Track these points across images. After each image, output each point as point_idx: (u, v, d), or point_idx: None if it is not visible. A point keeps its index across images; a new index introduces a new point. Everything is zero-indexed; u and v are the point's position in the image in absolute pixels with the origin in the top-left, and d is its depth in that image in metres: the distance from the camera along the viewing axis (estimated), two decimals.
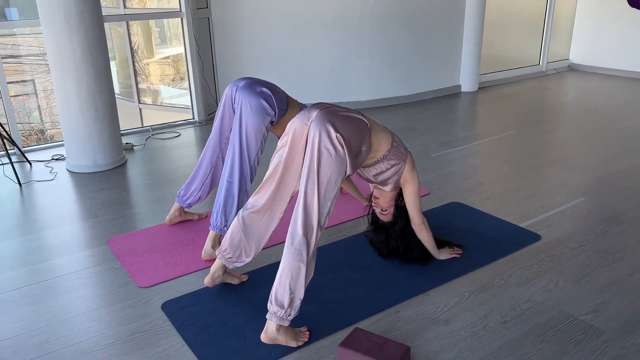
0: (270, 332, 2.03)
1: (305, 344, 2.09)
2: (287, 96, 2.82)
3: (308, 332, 2.13)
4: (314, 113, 2.10)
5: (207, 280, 2.39)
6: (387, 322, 2.23)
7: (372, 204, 2.61)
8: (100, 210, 3.37)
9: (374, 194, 2.58)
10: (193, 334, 2.17)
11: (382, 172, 2.37)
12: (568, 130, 4.86)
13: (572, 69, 7.64)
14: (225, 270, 2.42)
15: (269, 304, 2.04)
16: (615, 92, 6.28)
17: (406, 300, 2.37)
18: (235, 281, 2.49)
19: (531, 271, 2.58)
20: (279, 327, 2.03)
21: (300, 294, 2.02)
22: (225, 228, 2.67)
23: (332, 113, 2.10)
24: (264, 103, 2.65)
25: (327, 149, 2.02)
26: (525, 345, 2.07)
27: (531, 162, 4.06)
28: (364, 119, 2.21)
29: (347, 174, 2.12)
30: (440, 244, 2.68)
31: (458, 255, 2.69)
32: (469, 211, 3.21)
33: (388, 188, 2.46)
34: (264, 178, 2.22)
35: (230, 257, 2.32)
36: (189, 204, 3.03)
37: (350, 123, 2.11)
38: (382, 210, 2.57)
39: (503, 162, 4.08)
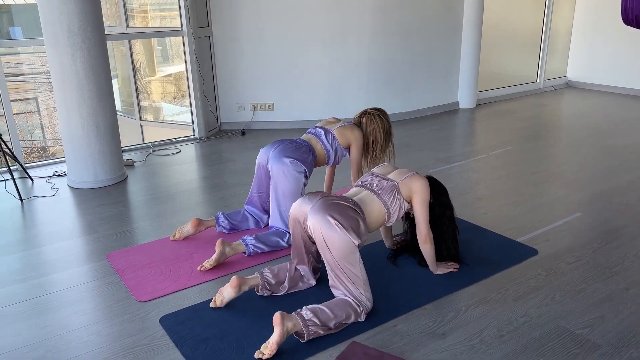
0: (290, 318, 2.11)
1: (304, 356, 2.10)
2: (309, 149, 3.05)
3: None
4: (309, 206, 2.35)
5: (235, 280, 2.43)
6: (384, 336, 2.23)
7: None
8: (101, 226, 3.39)
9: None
10: (190, 348, 2.17)
11: (399, 208, 2.52)
12: (565, 146, 4.90)
13: (570, 86, 7.71)
14: (247, 289, 2.48)
15: (308, 311, 2.18)
16: (611, 108, 6.34)
17: (404, 314, 2.38)
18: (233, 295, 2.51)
19: (528, 285, 2.59)
20: (295, 325, 2.12)
21: (329, 326, 2.20)
22: (250, 245, 2.89)
23: (327, 206, 2.30)
24: (296, 173, 2.95)
25: (331, 240, 2.25)
26: None
27: (528, 177, 4.09)
28: (354, 207, 2.36)
29: (359, 243, 2.28)
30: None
31: (455, 270, 2.71)
32: (466, 226, 3.23)
33: (397, 206, 2.55)
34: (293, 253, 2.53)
35: (268, 285, 2.51)
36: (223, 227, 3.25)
37: (343, 208, 2.31)
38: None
39: (500, 177, 4.11)
